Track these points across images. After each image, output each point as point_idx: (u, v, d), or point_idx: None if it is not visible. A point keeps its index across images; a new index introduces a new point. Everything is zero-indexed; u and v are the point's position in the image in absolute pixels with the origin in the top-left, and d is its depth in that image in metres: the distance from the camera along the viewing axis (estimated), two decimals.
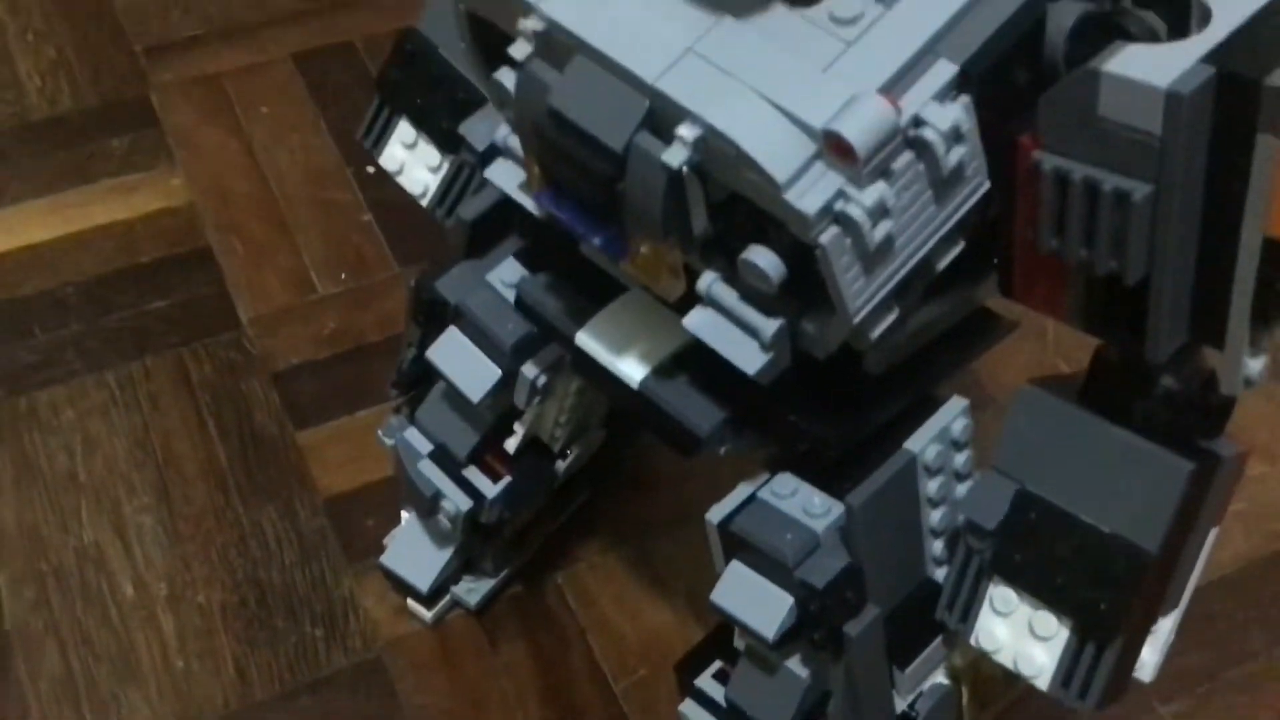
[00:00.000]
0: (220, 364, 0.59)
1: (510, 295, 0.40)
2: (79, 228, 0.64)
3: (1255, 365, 0.30)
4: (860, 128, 0.26)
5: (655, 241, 0.29)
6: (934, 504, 0.36)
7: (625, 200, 0.29)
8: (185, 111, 0.69)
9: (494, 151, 0.35)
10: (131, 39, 0.73)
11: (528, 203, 0.33)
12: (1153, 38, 0.29)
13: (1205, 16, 0.28)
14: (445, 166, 0.44)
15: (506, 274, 0.41)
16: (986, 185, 0.29)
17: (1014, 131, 0.29)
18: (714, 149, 0.27)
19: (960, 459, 0.36)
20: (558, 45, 0.29)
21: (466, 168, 0.43)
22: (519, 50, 0.29)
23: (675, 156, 0.27)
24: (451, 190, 0.44)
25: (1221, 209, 0.28)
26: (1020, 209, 0.30)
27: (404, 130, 0.45)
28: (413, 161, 0.45)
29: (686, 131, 0.27)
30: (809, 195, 0.26)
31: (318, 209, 0.65)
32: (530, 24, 0.29)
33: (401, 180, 0.45)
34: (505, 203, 0.36)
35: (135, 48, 0.73)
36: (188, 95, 0.70)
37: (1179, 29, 0.29)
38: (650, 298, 0.35)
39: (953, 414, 0.36)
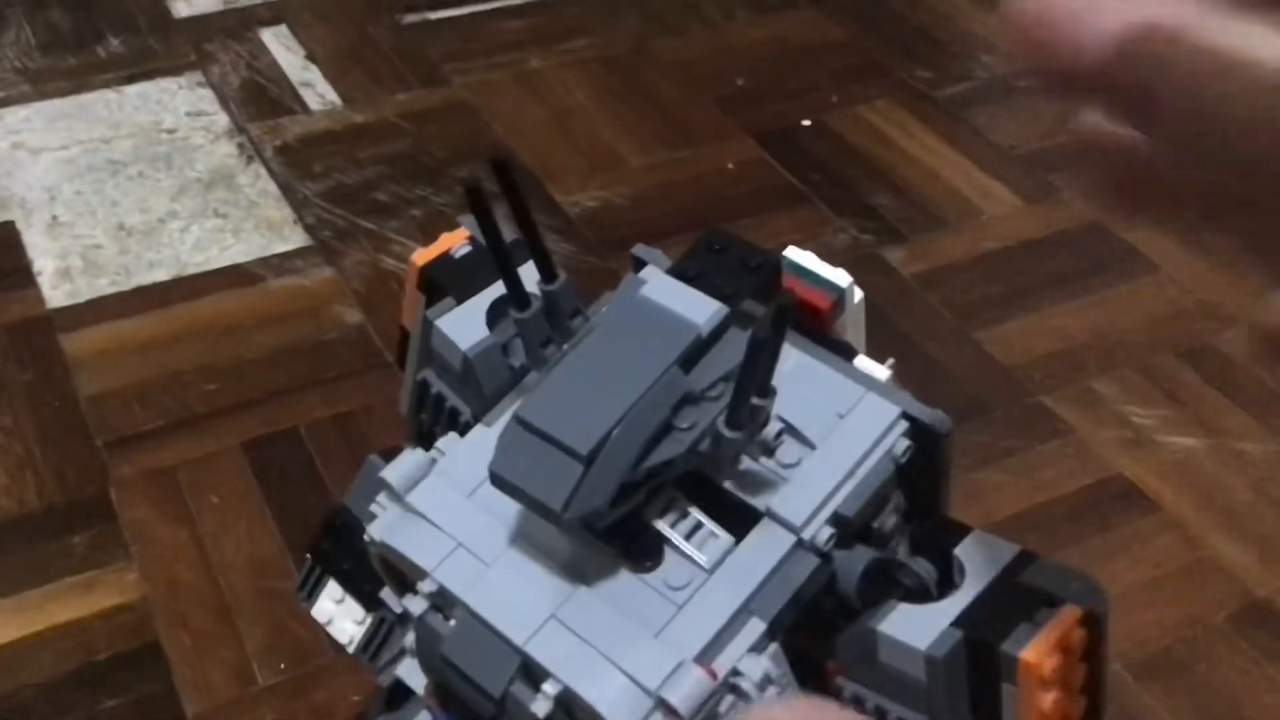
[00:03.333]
0: None
1: None
2: (39, 627, 0.69)
3: None
4: (683, 694, 0.33)
5: None
6: None
7: None
8: (142, 505, 0.76)
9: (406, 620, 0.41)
10: (94, 433, 0.80)
11: (432, 707, 0.39)
12: (923, 586, 0.37)
13: (962, 571, 0.36)
14: (368, 621, 0.51)
15: None
16: None
17: (821, 656, 0.36)
18: (573, 699, 0.34)
19: None
20: (448, 602, 0.36)
21: (385, 623, 0.50)
22: (416, 605, 0.37)
23: (541, 707, 0.34)
24: (374, 641, 0.51)
25: None
26: None
27: (333, 588, 0.52)
28: (340, 614, 0.52)
29: (550, 687, 0.34)
30: None
31: (260, 598, 0.72)
32: (426, 586, 0.36)
33: (330, 630, 0.52)
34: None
35: (97, 442, 0.80)
36: (145, 488, 0.77)
37: (945, 576, 0.37)
38: None
39: None
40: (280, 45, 1.18)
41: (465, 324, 0.41)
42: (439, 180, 1.03)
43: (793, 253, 0.41)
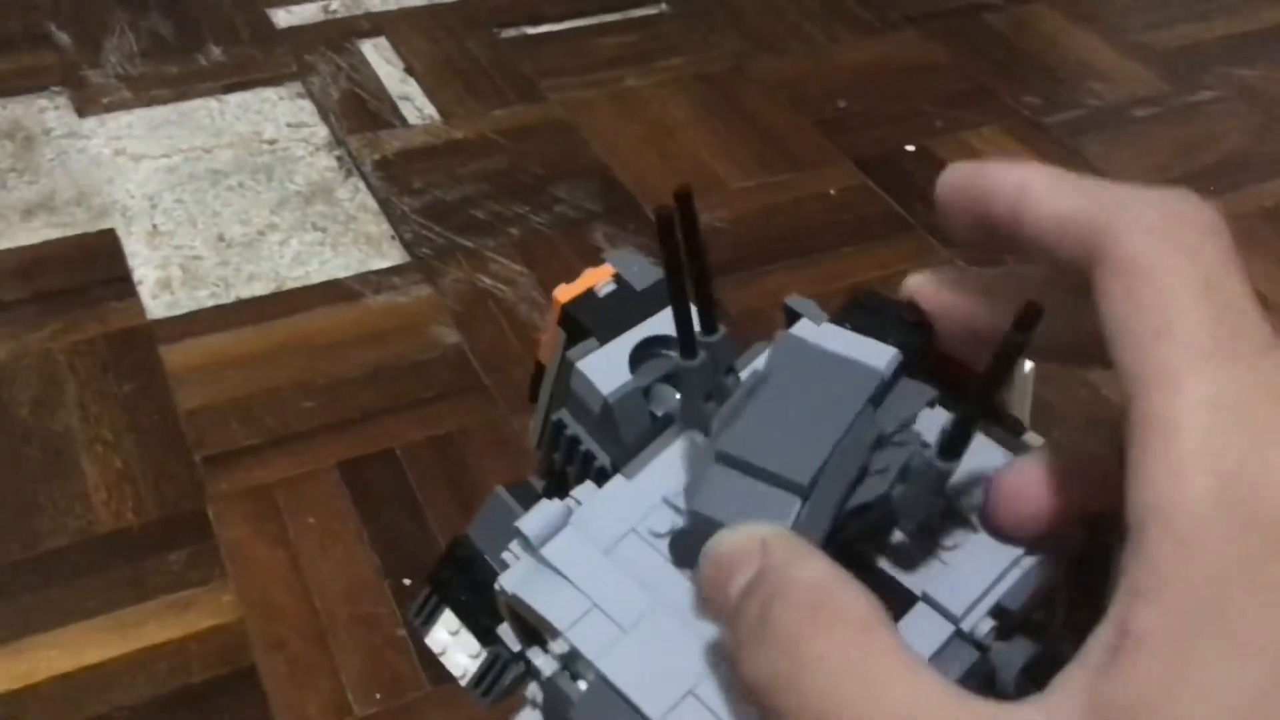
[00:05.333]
0: None
1: None
2: (134, 647, 0.69)
3: None
4: None
5: None
6: None
7: None
8: (238, 524, 0.76)
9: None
10: (191, 449, 0.80)
11: None
12: None
13: None
14: (483, 655, 0.50)
15: None
16: None
17: None
18: None
19: None
20: (579, 664, 0.34)
21: (500, 660, 0.49)
22: (547, 665, 0.35)
23: None
24: (487, 676, 0.49)
25: None
26: None
27: (449, 619, 0.51)
28: (455, 646, 0.51)
29: None
30: None
31: (357, 624, 0.71)
32: (558, 646, 0.35)
33: (444, 660, 0.51)
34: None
35: (195, 458, 0.80)
36: (241, 507, 0.77)
37: None
38: None
39: None
40: (380, 57, 1.18)
41: (607, 367, 0.40)
42: (536, 198, 1.02)
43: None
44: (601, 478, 0.38)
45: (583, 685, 0.35)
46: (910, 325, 0.37)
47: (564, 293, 0.44)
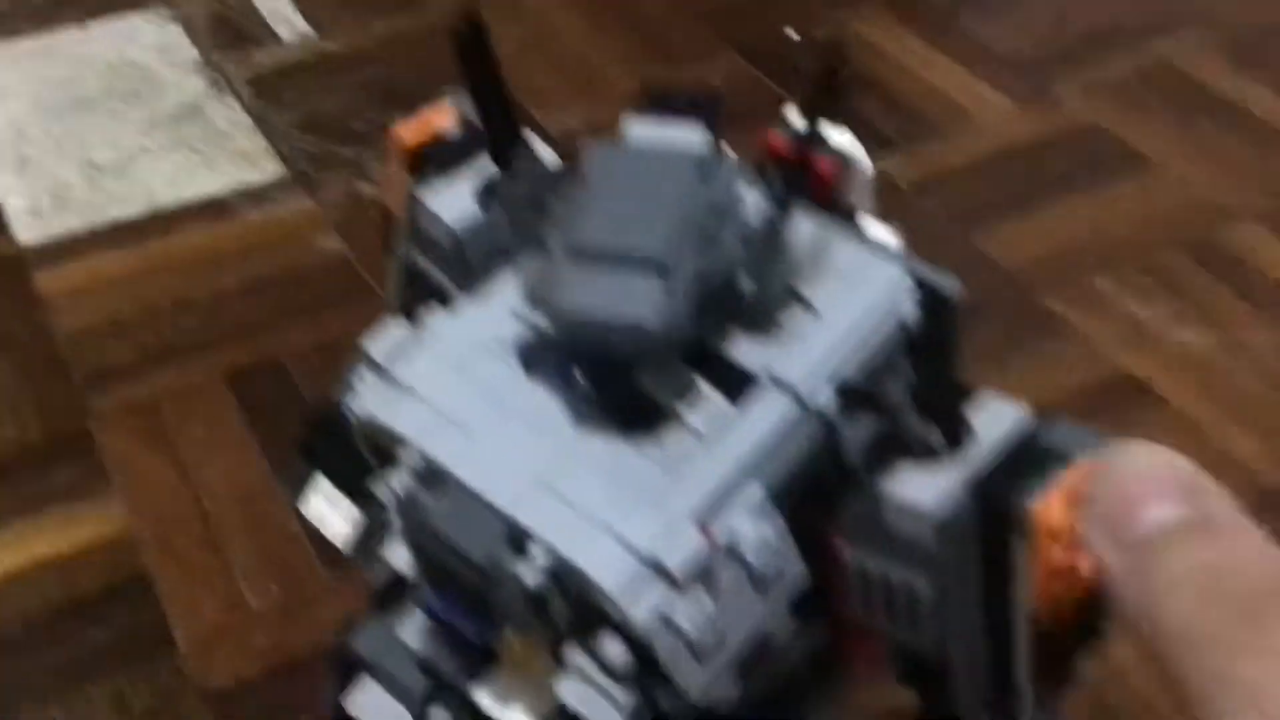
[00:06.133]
0: (158, 690, 0.62)
1: (416, 646, 0.44)
2: (20, 563, 0.67)
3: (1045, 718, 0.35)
4: (679, 557, 0.31)
5: (520, 633, 0.34)
6: None
7: (494, 599, 0.33)
8: (123, 439, 0.74)
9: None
10: (72, 371, 0.78)
11: (419, 588, 0.37)
12: (930, 451, 0.34)
13: (971, 433, 0.34)
14: (361, 519, 0.49)
15: (413, 627, 0.45)
16: (805, 578, 0.34)
17: (825, 529, 0.35)
18: (562, 565, 0.32)
19: None
20: (433, 473, 0.34)
21: (378, 519, 0.48)
22: (400, 479, 0.35)
23: (529, 572, 0.32)
24: (367, 539, 0.49)
25: (995, 595, 0.33)
26: (838, 587, 0.35)
27: (325, 486, 0.50)
28: (332, 513, 0.50)
29: (537, 552, 0.32)
30: (639, 606, 0.31)
31: (250, 525, 0.70)
32: (410, 458, 0.34)
33: (323, 530, 0.50)
34: None
35: (76, 378, 0.78)
36: (126, 423, 0.75)
37: (954, 440, 0.35)
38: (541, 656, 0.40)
39: None
40: None
41: (454, 201, 0.39)
42: (418, 106, 1.00)
43: (793, 114, 0.39)
44: None
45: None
46: (702, 101, 0.36)
47: (408, 132, 0.43)
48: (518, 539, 0.33)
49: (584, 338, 0.32)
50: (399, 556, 0.39)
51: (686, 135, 0.34)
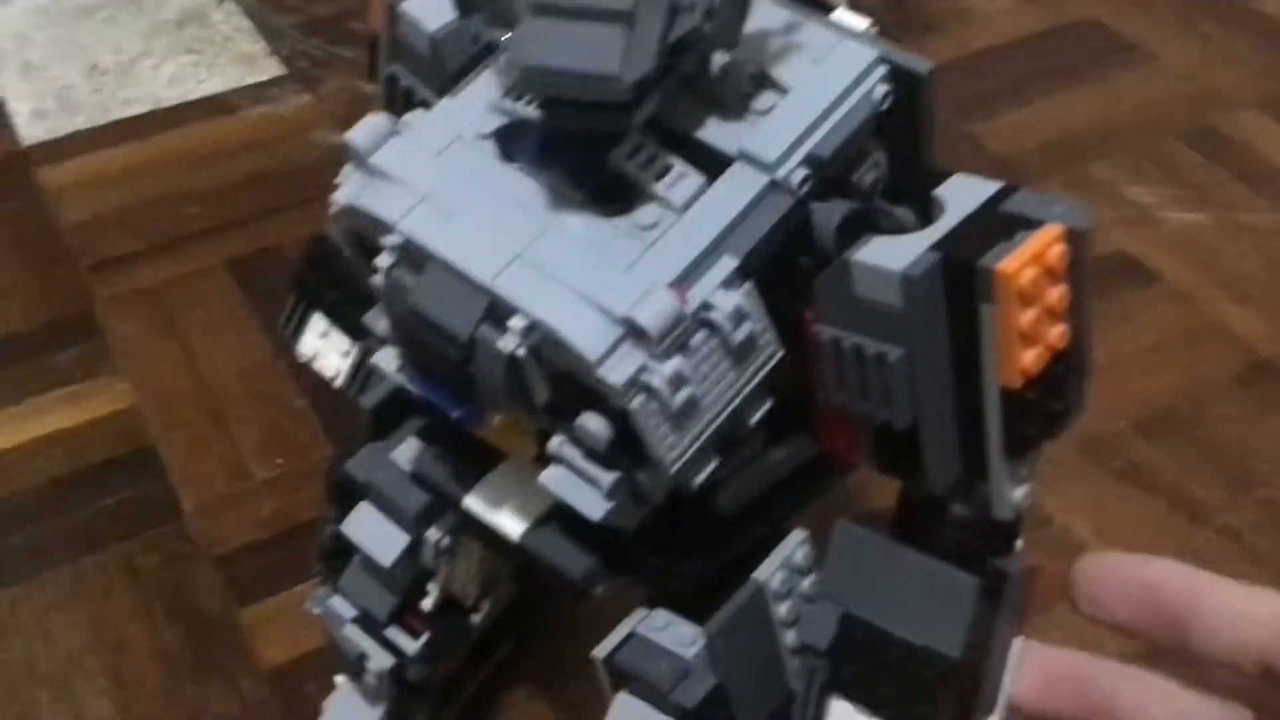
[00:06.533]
0: (166, 553, 0.64)
1: (410, 467, 0.46)
2: (29, 437, 0.69)
3: (1018, 493, 0.36)
4: (651, 314, 0.32)
5: (503, 413, 0.35)
6: (787, 625, 0.41)
7: (476, 380, 0.34)
8: (129, 322, 0.75)
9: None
10: (77, 258, 0.79)
11: (405, 383, 0.38)
12: (902, 230, 0.35)
13: (942, 209, 0.35)
14: (354, 351, 0.50)
15: (408, 450, 0.46)
16: (779, 353, 0.35)
17: (800, 308, 0.35)
18: (541, 335, 0.33)
19: (805, 583, 0.41)
20: (415, 254, 0.35)
21: (370, 351, 0.49)
22: (384, 260, 0.35)
23: (509, 343, 0.33)
24: (361, 371, 0.50)
25: (965, 365, 0.34)
26: (814, 371, 0.36)
27: (317, 322, 0.51)
28: (326, 349, 0.51)
29: (516, 323, 0.33)
30: (616, 370, 0.32)
31: (253, 401, 0.71)
32: (392, 239, 0.35)
33: (316, 366, 0.51)
34: (403, 388, 0.42)
35: (81, 265, 0.79)
36: (131, 307, 0.76)
37: (925, 219, 0.35)
38: (528, 462, 0.41)
39: (794, 544, 0.41)
40: None
41: (433, 8, 0.40)
42: None
43: None
44: None
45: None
46: None
47: None
48: (497, 313, 0.33)
49: (553, 88, 0.32)
50: (387, 360, 0.39)
51: None
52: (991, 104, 0.92)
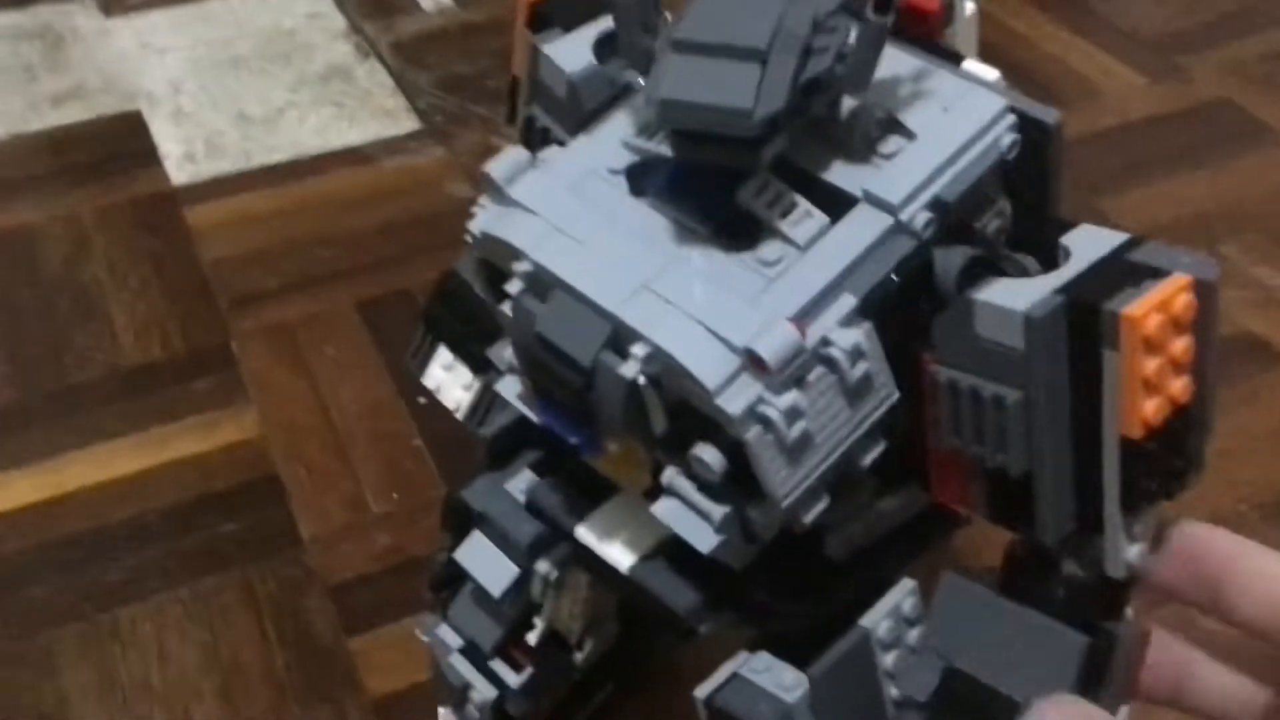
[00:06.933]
0: (283, 580, 0.66)
1: (525, 496, 0.46)
2: (162, 460, 0.72)
3: (1133, 550, 0.35)
4: (771, 346, 0.32)
5: (621, 441, 0.36)
6: (891, 677, 0.41)
7: (596, 407, 0.35)
8: (261, 356, 0.78)
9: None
10: (216, 294, 0.83)
11: (526, 410, 0.39)
12: (1025, 275, 0.35)
13: (1067, 256, 0.35)
14: (476, 386, 0.51)
15: (522, 482, 0.47)
16: (895, 395, 0.35)
17: (917, 350, 0.36)
18: (662, 363, 0.34)
19: (913, 634, 0.41)
20: (543, 282, 0.36)
21: (492, 386, 0.50)
22: (512, 287, 0.37)
23: (630, 370, 0.34)
24: (481, 404, 0.51)
25: (1085, 412, 0.33)
26: (928, 414, 0.36)
27: (443, 355, 0.53)
28: (450, 381, 0.53)
29: (639, 350, 0.34)
30: (734, 400, 0.32)
31: (375, 438, 0.73)
32: (521, 266, 0.36)
33: (440, 397, 0.53)
34: (521, 421, 0.43)
35: (219, 301, 0.82)
36: (264, 342, 0.79)
37: (1050, 268, 0.36)
38: (640, 496, 0.42)
39: (903, 593, 0.41)
40: None
41: (571, 50, 0.42)
42: None
43: None
44: None
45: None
46: None
47: None
48: (620, 340, 0.34)
49: (687, 121, 0.33)
50: (509, 387, 0.41)
51: None
52: (1119, 181, 0.91)
